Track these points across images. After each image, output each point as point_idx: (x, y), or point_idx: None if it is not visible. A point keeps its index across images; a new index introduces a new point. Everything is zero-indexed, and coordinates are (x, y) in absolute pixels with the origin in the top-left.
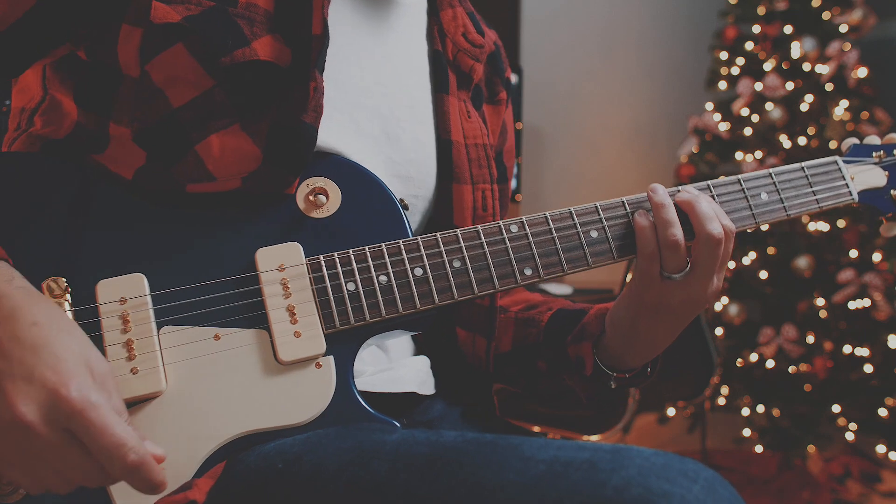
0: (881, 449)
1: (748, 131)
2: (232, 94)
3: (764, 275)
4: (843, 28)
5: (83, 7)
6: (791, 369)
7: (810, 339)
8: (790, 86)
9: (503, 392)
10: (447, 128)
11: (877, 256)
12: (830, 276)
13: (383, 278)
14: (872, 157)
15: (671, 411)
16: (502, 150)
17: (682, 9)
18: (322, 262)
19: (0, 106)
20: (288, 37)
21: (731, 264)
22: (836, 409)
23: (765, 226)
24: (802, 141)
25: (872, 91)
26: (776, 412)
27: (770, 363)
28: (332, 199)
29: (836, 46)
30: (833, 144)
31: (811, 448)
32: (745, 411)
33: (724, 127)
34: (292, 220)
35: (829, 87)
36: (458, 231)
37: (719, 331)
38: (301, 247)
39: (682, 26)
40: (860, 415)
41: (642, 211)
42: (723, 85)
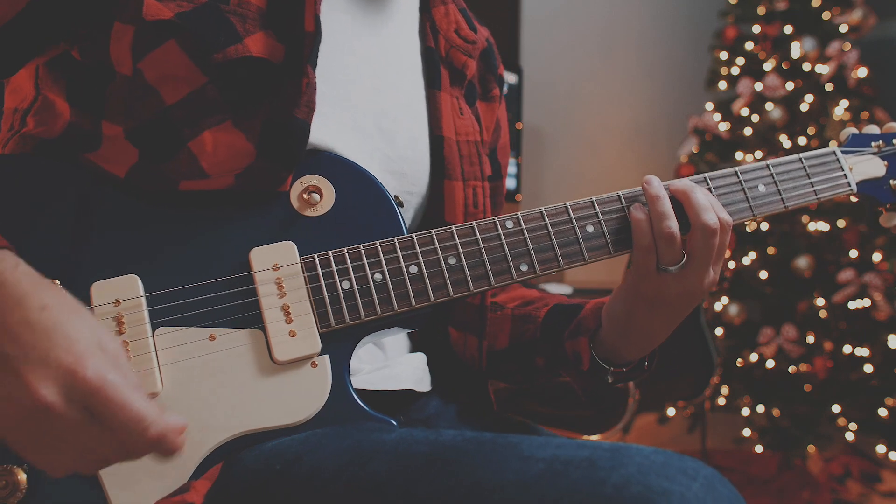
0: (881, 449)
1: (748, 131)
2: (225, 90)
3: (764, 275)
4: (843, 28)
5: (76, 5)
6: (791, 369)
7: (810, 339)
8: (790, 86)
9: (503, 391)
10: (440, 124)
11: (877, 256)
12: (830, 276)
13: (378, 276)
14: (871, 147)
15: (671, 411)
16: (496, 146)
17: (682, 9)
18: (317, 261)
19: None
20: (280, 33)
21: (732, 264)
22: (836, 409)
23: (764, 224)
24: (802, 141)
25: (872, 91)
26: (776, 412)
27: (770, 363)
28: (325, 198)
29: (836, 46)
30: (833, 144)
31: (811, 448)
32: (745, 411)
33: (724, 127)
34: (286, 219)
35: (829, 87)
36: (452, 228)
37: (719, 331)
38: (295, 246)
39: (682, 26)
40: (860, 415)
41: (638, 205)
42: (723, 85)
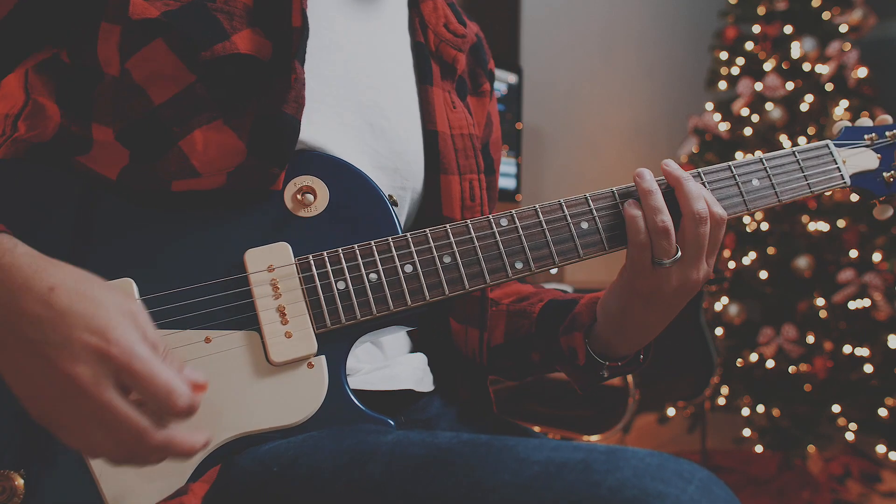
0: (881, 449)
1: (748, 131)
2: (213, 88)
3: (764, 275)
4: (843, 28)
5: (63, 6)
6: (791, 369)
7: (810, 339)
8: (790, 86)
9: (503, 391)
10: (433, 119)
11: (877, 256)
12: (830, 276)
13: (373, 276)
14: (864, 140)
15: (671, 411)
16: (488, 141)
17: (682, 9)
18: (311, 262)
19: None
20: (268, 30)
21: (732, 264)
22: (836, 409)
23: (764, 224)
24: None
25: (872, 91)
26: (776, 412)
27: (770, 363)
28: (319, 198)
29: (836, 46)
30: None
31: (811, 448)
32: (745, 411)
33: (724, 127)
34: (280, 220)
35: (829, 87)
36: (447, 226)
37: (719, 331)
38: (290, 247)
39: (682, 26)
40: (860, 415)
41: (632, 201)
42: (723, 85)
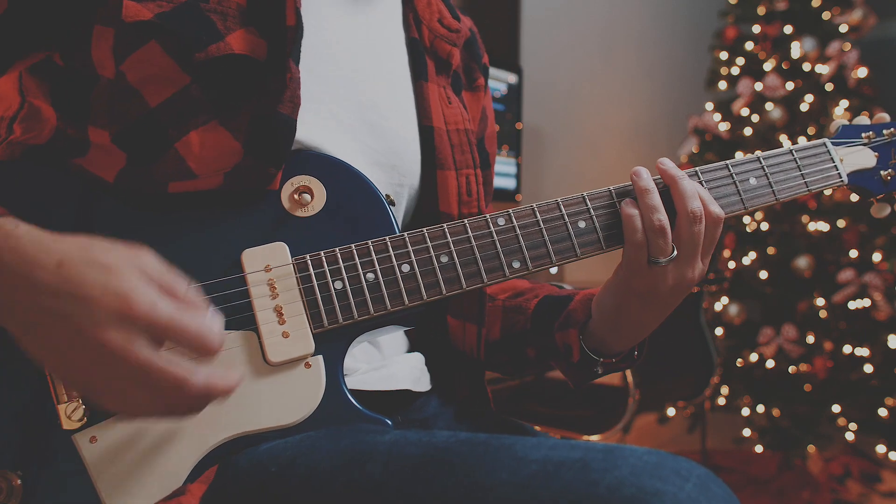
0: (881, 449)
1: (748, 131)
2: (209, 89)
3: (764, 275)
4: (843, 28)
5: (54, 9)
6: (791, 369)
7: (810, 339)
8: (790, 86)
9: (503, 391)
10: (428, 115)
11: (877, 256)
12: (830, 276)
13: (370, 276)
14: (861, 138)
15: (671, 411)
16: (483, 136)
17: (682, 9)
18: (309, 262)
19: None
20: (262, 29)
21: (732, 264)
22: (836, 409)
23: (764, 224)
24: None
25: (872, 91)
26: (776, 412)
27: (770, 363)
28: (316, 198)
29: (836, 46)
30: None
31: (811, 448)
32: (745, 411)
33: (724, 127)
34: (277, 220)
35: (829, 87)
36: (444, 226)
37: (719, 331)
38: (287, 246)
39: (682, 26)
40: (860, 415)
41: (629, 200)
42: (723, 85)
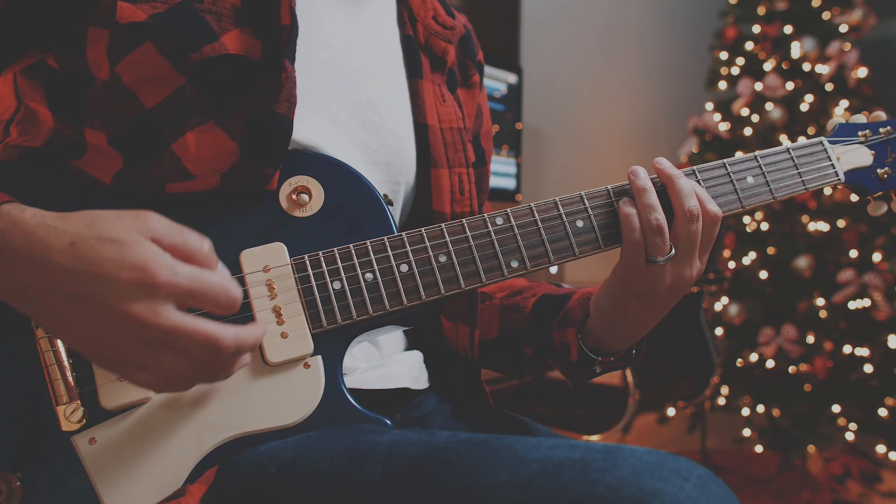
0: (881, 449)
1: (748, 131)
2: (204, 90)
3: (764, 275)
4: (843, 28)
5: (48, 12)
6: (791, 369)
7: (810, 339)
8: (790, 86)
9: (502, 391)
10: (423, 112)
11: (877, 256)
12: (830, 276)
13: (369, 276)
14: (858, 137)
15: (671, 411)
16: (479, 133)
17: (682, 9)
18: (307, 262)
19: None
20: (257, 29)
21: (732, 264)
22: (836, 409)
23: (764, 224)
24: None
25: (872, 91)
26: (776, 412)
27: (770, 363)
28: (314, 198)
29: (836, 46)
30: None
31: (811, 448)
32: (745, 411)
33: (724, 127)
34: (275, 220)
35: (829, 87)
36: (442, 226)
37: (719, 331)
38: (285, 247)
39: (682, 26)
40: (860, 415)
41: (627, 199)
42: (723, 85)
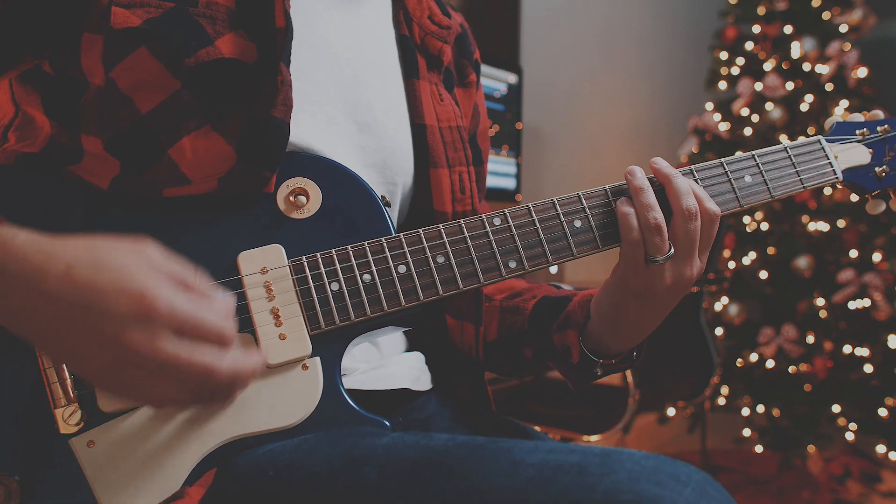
0: (881, 449)
1: (748, 131)
2: (200, 94)
3: (764, 275)
4: (843, 28)
5: (42, 18)
6: (791, 369)
7: (810, 339)
8: (790, 86)
9: (502, 391)
10: (420, 112)
11: (877, 256)
12: (830, 276)
13: (367, 277)
14: (856, 135)
15: (671, 411)
16: (476, 132)
17: (682, 9)
18: (305, 263)
19: None
20: (252, 32)
21: (732, 264)
22: (836, 409)
23: (764, 224)
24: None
25: (872, 91)
26: (776, 412)
27: (770, 363)
28: (312, 199)
29: (836, 46)
30: None
31: (811, 448)
32: (745, 411)
33: (724, 127)
34: (273, 222)
35: (829, 87)
36: (440, 226)
37: (719, 331)
38: (283, 248)
39: (682, 26)
40: (860, 415)
41: (625, 199)
42: (723, 85)
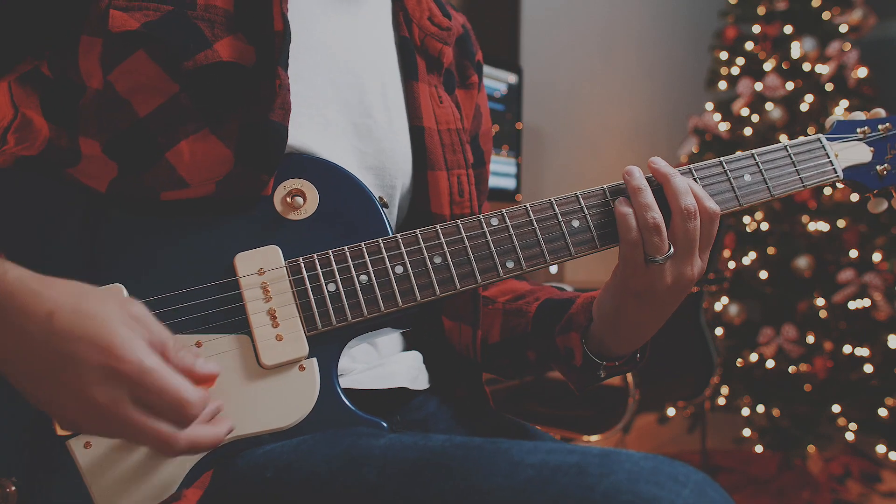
0: (881, 449)
1: (748, 131)
2: (198, 98)
3: (764, 275)
4: (843, 28)
5: (41, 21)
6: (791, 369)
7: (810, 339)
8: (790, 86)
9: (502, 391)
10: (419, 115)
11: (877, 256)
12: (830, 276)
13: (364, 278)
14: (857, 134)
15: (671, 411)
16: (478, 133)
17: (682, 9)
18: (302, 264)
19: None
20: (250, 35)
21: (732, 264)
22: (836, 409)
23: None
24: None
25: (872, 91)
26: (776, 412)
27: (770, 363)
28: (309, 201)
29: (836, 46)
30: None
31: (811, 448)
32: (745, 411)
33: (724, 127)
34: (270, 223)
35: (829, 87)
36: (437, 227)
37: (719, 331)
38: (280, 250)
39: (682, 26)
40: (860, 415)
41: (623, 199)
42: (723, 85)
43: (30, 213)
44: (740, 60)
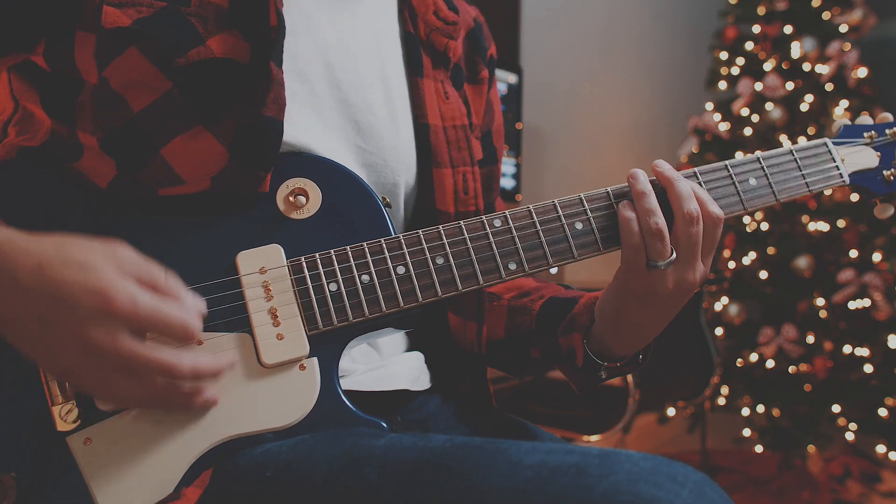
0: (881, 449)
1: (748, 131)
2: (192, 94)
3: (764, 275)
4: (843, 28)
5: (35, 14)
6: (791, 369)
7: (810, 339)
8: (790, 86)
9: (504, 391)
10: (423, 112)
11: (877, 256)
12: (830, 276)
13: (365, 278)
14: (863, 138)
15: (671, 411)
16: (490, 129)
17: (682, 9)
18: (303, 264)
19: None
20: (245, 31)
21: (732, 264)
22: (836, 409)
23: (764, 224)
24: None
25: (872, 91)
26: (776, 412)
27: (770, 363)
28: (312, 200)
29: (836, 46)
30: None
31: (811, 448)
32: (745, 411)
33: (724, 127)
34: (272, 222)
35: (829, 87)
36: (440, 227)
37: (719, 331)
38: (282, 248)
39: (682, 26)
40: (860, 415)
41: (626, 202)
42: (723, 85)
43: (30, 213)
44: (740, 60)
